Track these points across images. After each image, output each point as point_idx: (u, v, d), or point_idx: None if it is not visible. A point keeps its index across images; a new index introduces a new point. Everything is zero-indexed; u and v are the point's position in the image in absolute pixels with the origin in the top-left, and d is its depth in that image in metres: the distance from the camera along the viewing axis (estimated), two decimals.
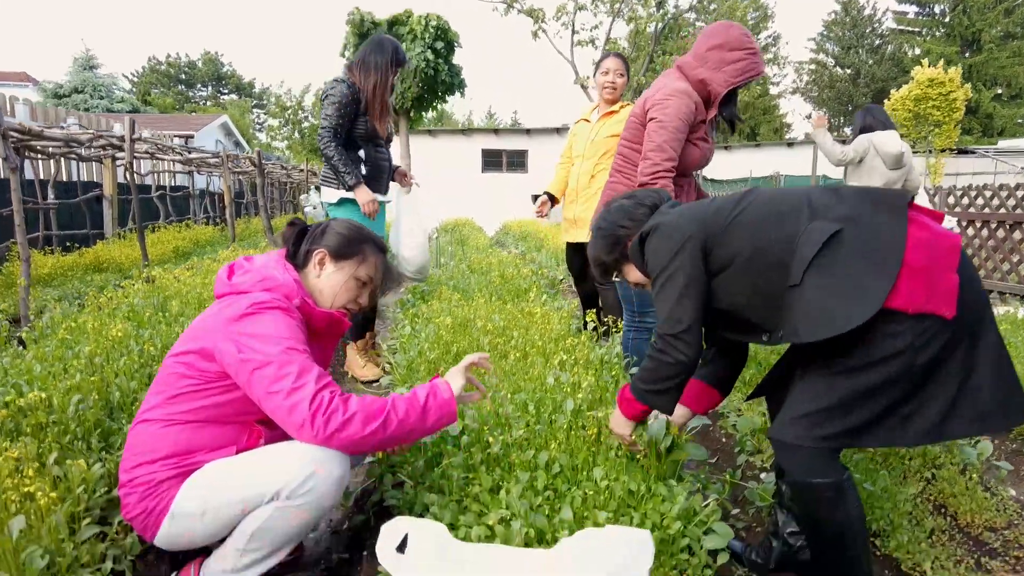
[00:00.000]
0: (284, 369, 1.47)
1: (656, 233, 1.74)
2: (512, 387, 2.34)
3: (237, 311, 1.57)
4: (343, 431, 1.45)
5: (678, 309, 1.68)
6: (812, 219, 1.54)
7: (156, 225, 8.64)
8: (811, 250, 1.49)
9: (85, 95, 23.99)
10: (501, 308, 3.60)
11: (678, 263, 1.67)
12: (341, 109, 3.31)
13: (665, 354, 1.71)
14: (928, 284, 1.42)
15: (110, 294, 3.37)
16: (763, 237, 1.61)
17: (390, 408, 1.52)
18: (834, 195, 1.60)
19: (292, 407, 1.45)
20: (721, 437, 2.76)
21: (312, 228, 1.92)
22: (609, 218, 1.94)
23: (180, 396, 1.57)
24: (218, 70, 47.82)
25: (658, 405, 1.80)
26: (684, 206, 1.85)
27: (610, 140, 3.66)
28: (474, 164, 17.53)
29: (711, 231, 1.68)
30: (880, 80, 40.50)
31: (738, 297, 1.68)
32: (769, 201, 1.67)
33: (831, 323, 1.44)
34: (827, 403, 1.49)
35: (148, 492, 1.53)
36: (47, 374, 2.14)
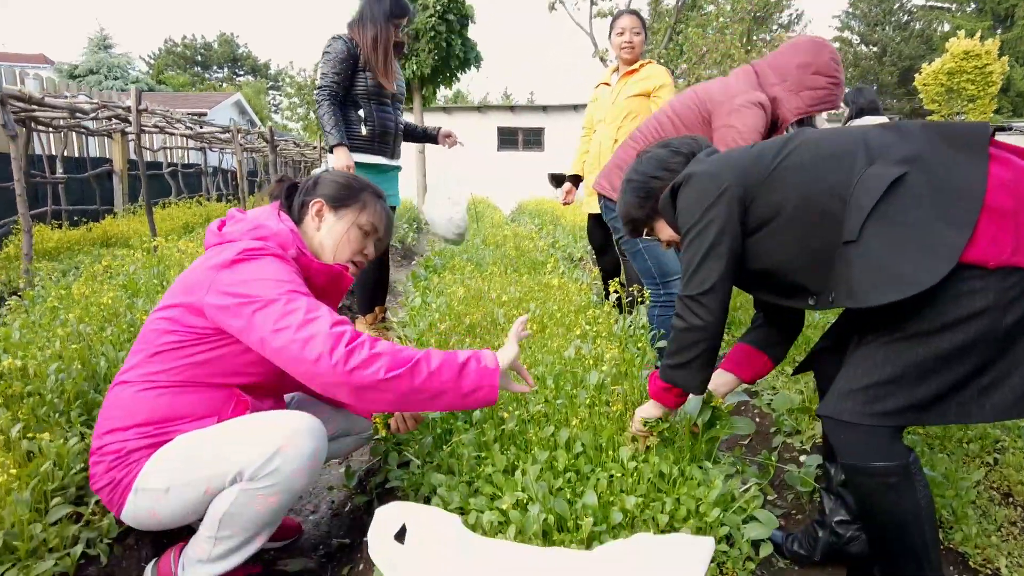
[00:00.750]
0: (291, 305, 1.31)
1: (689, 183, 1.52)
2: (529, 360, 2.14)
3: (226, 258, 1.40)
4: (366, 368, 1.26)
5: (703, 268, 1.47)
6: (870, 163, 1.31)
7: (167, 201, 8.52)
8: (870, 199, 1.26)
9: (100, 75, 23.94)
10: (517, 280, 3.40)
11: (711, 216, 1.46)
12: (336, 65, 3.16)
13: (682, 319, 1.51)
14: (1016, 232, 1.19)
15: (106, 263, 3.21)
16: (811, 185, 1.38)
17: (421, 356, 1.33)
18: (896, 133, 1.36)
19: (307, 339, 1.26)
20: (755, 416, 2.55)
21: (303, 182, 1.74)
22: (641, 168, 1.72)
23: (161, 354, 1.40)
24: (233, 51, 47.69)
25: (680, 381, 1.57)
26: (723, 153, 1.62)
27: (632, 101, 3.42)
28: (489, 142, 17.25)
29: (751, 180, 1.46)
30: (907, 58, 39.33)
31: (781, 255, 1.45)
32: (818, 144, 1.43)
33: (897, 284, 1.22)
34: (889, 374, 1.27)
35: (117, 462, 1.37)
36: (26, 342, 1.97)
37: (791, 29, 39.69)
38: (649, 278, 2.72)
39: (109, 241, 5.98)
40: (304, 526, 1.98)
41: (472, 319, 2.67)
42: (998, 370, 1.23)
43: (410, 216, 10.09)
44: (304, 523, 2.00)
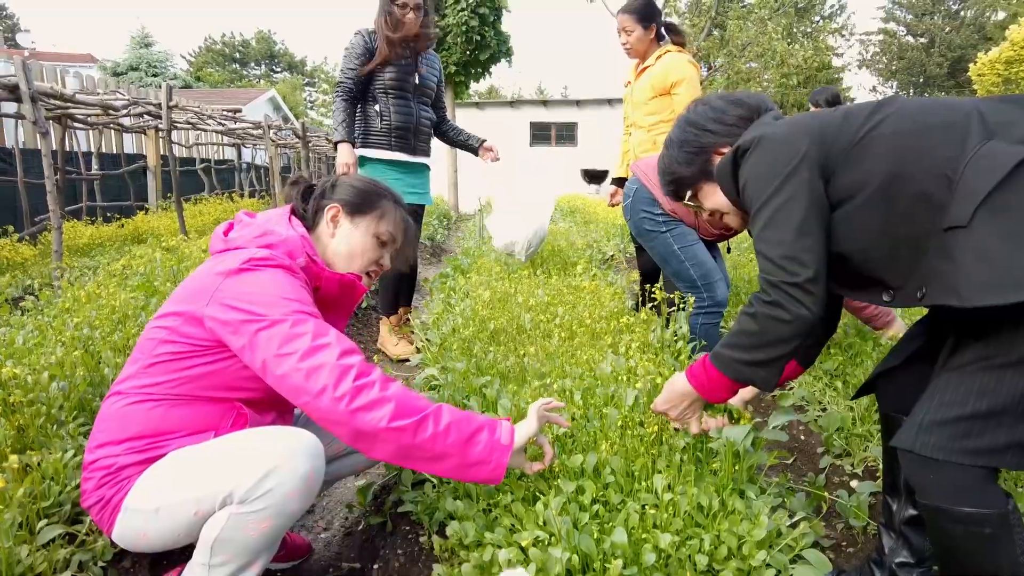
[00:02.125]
0: (298, 328, 1.21)
1: (758, 148, 1.28)
2: (556, 372, 1.99)
3: (230, 267, 1.30)
4: (369, 411, 1.16)
5: (798, 248, 1.21)
6: (986, 138, 1.09)
7: (199, 197, 8.58)
8: (988, 181, 1.04)
9: (141, 72, 24.50)
10: (546, 282, 3.25)
11: (791, 190, 1.22)
12: (352, 61, 3.13)
13: (782, 308, 1.24)
14: None
15: (124, 262, 3.16)
16: (907, 160, 1.16)
17: (432, 411, 1.22)
18: (1018, 106, 1.14)
19: (312, 370, 1.17)
20: (800, 434, 2.36)
21: (320, 184, 1.62)
22: (693, 118, 1.49)
23: (157, 365, 1.30)
24: (271, 48, 48.37)
25: (760, 380, 1.33)
26: (795, 116, 1.38)
27: (656, 103, 3.13)
28: (522, 137, 17.06)
29: (833, 149, 1.23)
30: (958, 48, 37.83)
31: (859, 240, 1.23)
32: (919, 111, 1.19)
33: (1018, 284, 0.99)
34: (988, 406, 1.07)
35: (107, 478, 1.26)
36: (29, 349, 1.90)
37: (833, 20, 38.70)
38: (687, 282, 2.53)
39: (140, 237, 6.02)
40: (314, 544, 1.86)
41: (497, 324, 2.54)
42: None
43: (440, 212, 10.00)
44: (314, 541, 1.88)
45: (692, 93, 2.98)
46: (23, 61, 4.06)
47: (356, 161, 3.10)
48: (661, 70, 3.06)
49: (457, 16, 9.89)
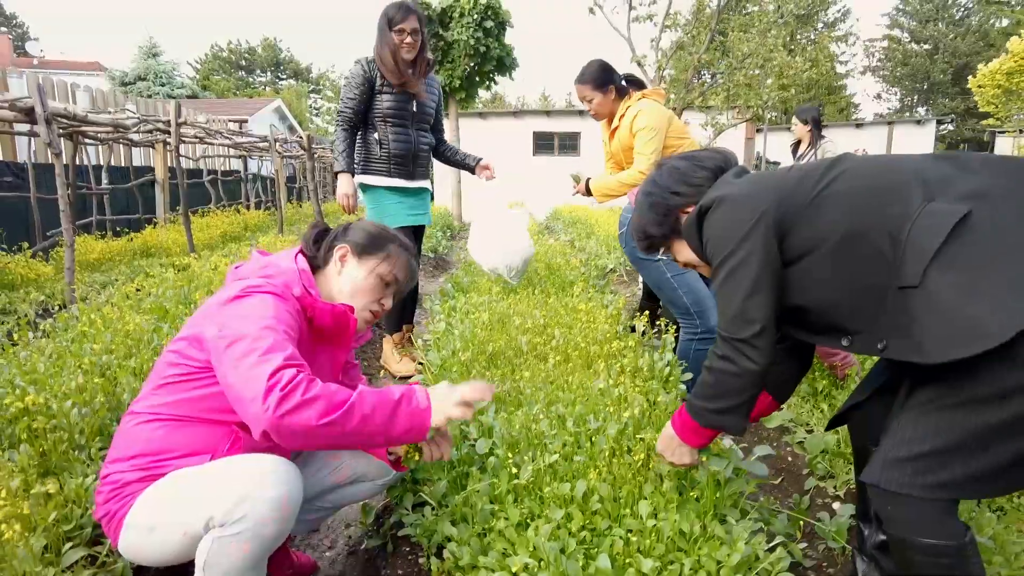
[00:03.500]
0: (256, 343, 1.29)
1: (720, 207, 1.38)
2: (550, 397, 2.09)
3: (229, 294, 1.42)
4: (296, 413, 1.23)
5: (749, 306, 1.33)
6: (928, 199, 1.19)
7: (206, 210, 8.71)
8: (933, 241, 1.14)
9: (148, 82, 24.78)
10: (544, 302, 3.34)
11: (748, 248, 1.32)
12: (352, 91, 3.22)
13: (730, 363, 1.37)
14: None
15: (139, 282, 3.26)
16: (859, 219, 1.25)
17: (355, 400, 1.30)
18: (956, 165, 1.24)
19: (249, 379, 1.25)
20: (788, 455, 2.44)
21: (335, 228, 1.74)
22: (661, 182, 1.58)
23: (165, 386, 1.40)
24: (277, 56, 48.66)
25: (727, 426, 1.46)
26: (754, 175, 1.49)
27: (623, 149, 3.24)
28: (525, 147, 17.19)
29: (790, 207, 1.33)
30: (963, 55, 37.83)
31: (818, 291, 1.33)
32: (869, 172, 1.30)
33: (972, 337, 1.08)
34: (943, 442, 1.16)
35: (113, 493, 1.36)
36: (50, 375, 2.00)
37: (836, 27, 38.74)
38: (680, 309, 2.63)
39: (149, 251, 6.14)
40: (320, 563, 1.96)
41: (495, 346, 2.63)
42: None
43: (443, 223, 10.10)
44: (320, 559, 1.98)
45: (647, 140, 3.00)
46: (38, 85, 4.18)
47: (356, 191, 3.20)
48: (626, 128, 3.12)
49: (462, 31, 10.02)
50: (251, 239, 7.76)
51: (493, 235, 3.72)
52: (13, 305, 4.23)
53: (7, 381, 1.97)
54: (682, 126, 3.15)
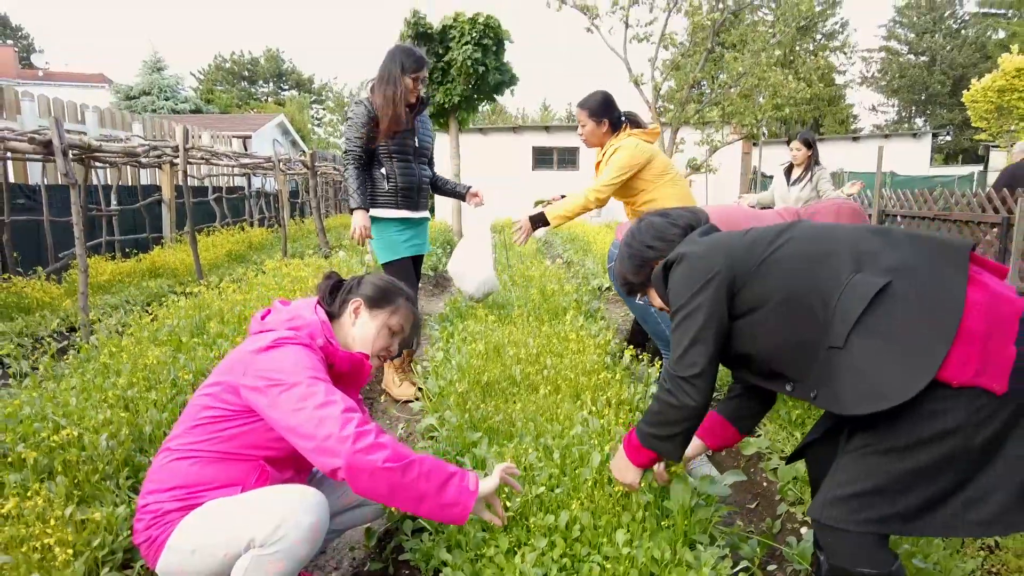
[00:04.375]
0: (311, 388, 1.51)
1: (680, 264, 1.60)
2: (539, 429, 2.26)
3: (261, 345, 1.62)
4: (369, 453, 1.44)
5: (693, 351, 1.54)
6: (856, 270, 1.38)
7: (211, 228, 8.91)
8: (855, 310, 1.33)
9: (152, 96, 25.13)
10: (537, 329, 3.52)
11: (699, 301, 1.53)
12: (359, 130, 3.37)
13: (673, 396, 1.58)
14: (982, 355, 1.24)
15: (155, 313, 3.45)
16: (799, 283, 1.45)
17: (417, 460, 1.51)
18: (885, 239, 1.43)
19: (321, 419, 1.46)
20: (762, 481, 2.61)
21: (349, 280, 1.96)
22: (639, 235, 1.81)
23: (199, 426, 1.60)
24: (279, 67, 49.05)
25: (664, 451, 1.68)
26: (716, 235, 1.70)
27: None
28: (524, 162, 17.42)
29: (741, 268, 1.53)
30: (960, 66, 38.16)
31: (764, 343, 1.53)
32: (811, 241, 1.50)
33: (877, 395, 1.28)
34: (872, 484, 1.34)
35: (154, 520, 1.55)
36: (82, 408, 2.18)
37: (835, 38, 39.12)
38: (663, 341, 2.81)
39: (157, 272, 6.32)
40: None
41: (490, 376, 2.81)
42: (980, 485, 1.29)
43: (444, 239, 10.29)
44: None
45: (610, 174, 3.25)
46: (56, 119, 4.38)
47: (370, 225, 3.39)
48: (606, 161, 3.34)
49: (461, 50, 10.23)
50: (258, 257, 7.96)
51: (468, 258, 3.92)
52: (30, 328, 4.41)
53: (41, 415, 2.14)
54: (663, 164, 3.34)
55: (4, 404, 2.11)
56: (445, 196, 4.04)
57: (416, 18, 10.30)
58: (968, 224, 7.34)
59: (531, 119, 45.75)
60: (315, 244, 9.68)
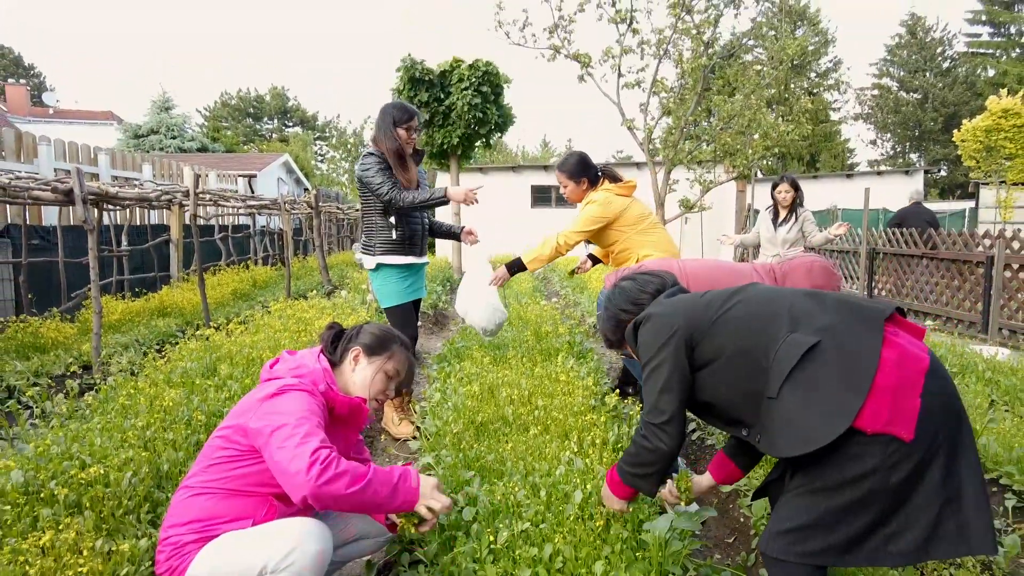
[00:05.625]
0: (296, 429, 1.69)
1: (646, 323, 1.84)
2: (528, 467, 2.44)
3: (268, 392, 1.82)
4: (331, 484, 1.62)
5: (661, 400, 1.77)
6: (792, 330, 1.60)
7: (217, 267, 9.14)
8: (787, 365, 1.55)
9: (160, 135, 25.74)
10: (531, 370, 3.70)
11: (663, 356, 1.76)
12: (382, 173, 3.58)
13: (647, 440, 1.81)
14: (892, 406, 1.45)
15: (168, 354, 3.64)
16: (746, 340, 1.68)
17: (371, 476, 1.72)
18: (818, 303, 1.66)
19: (294, 457, 1.64)
20: (739, 517, 2.77)
21: (350, 329, 2.16)
22: (614, 300, 2.07)
23: (214, 466, 1.78)
24: (284, 104, 50.04)
25: (641, 488, 1.91)
26: (678, 297, 1.94)
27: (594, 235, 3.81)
28: (523, 200, 17.79)
29: (697, 326, 1.76)
30: (951, 104, 38.95)
31: (721, 391, 1.75)
32: (757, 303, 1.74)
33: (803, 440, 1.50)
34: (806, 520, 1.53)
35: (174, 552, 1.72)
36: (106, 448, 2.36)
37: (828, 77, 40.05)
38: None
39: (166, 311, 6.52)
40: None
41: (484, 416, 2.99)
42: (899, 521, 1.48)
43: (443, 277, 10.51)
44: None
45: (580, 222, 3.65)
46: (77, 169, 4.64)
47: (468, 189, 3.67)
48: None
49: (460, 94, 10.61)
50: (262, 295, 8.17)
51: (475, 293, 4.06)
52: (45, 367, 4.59)
53: (68, 453, 2.33)
54: (637, 215, 3.65)
55: (35, 444, 2.28)
56: (442, 238, 4.26)
57: (410, 63, 10.68)
58: (955, 263, 7.60)
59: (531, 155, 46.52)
60: (318, 281, 9.91)
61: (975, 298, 7.25)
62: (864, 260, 8.96)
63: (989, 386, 4.05)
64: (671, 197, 11.66)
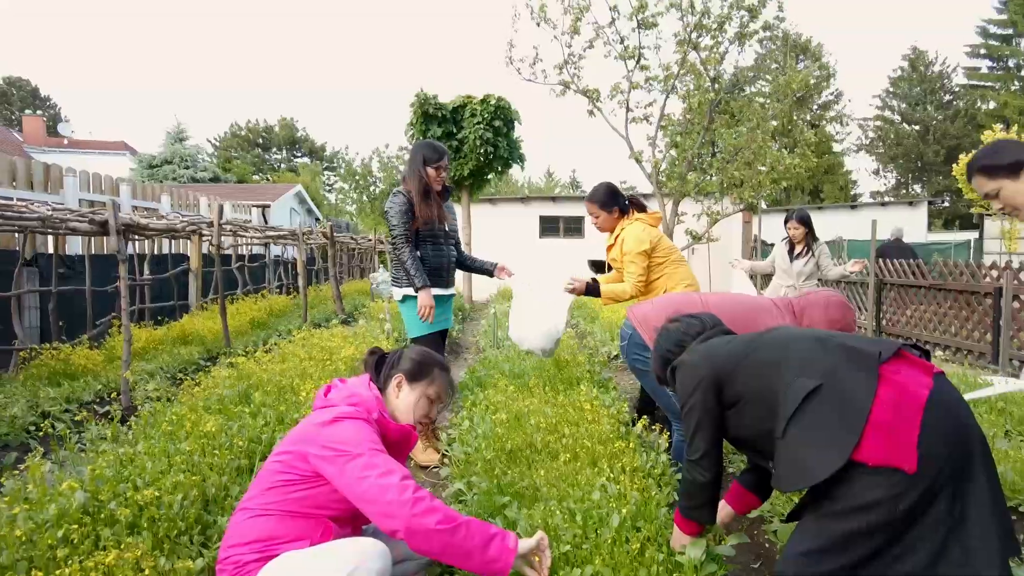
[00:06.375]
0: (373, 460, 1.79)
1: (679, 370, 2.07)
2: (561, 493, 2.52)
3: (325, 419, 1.92)
4: (425, 516, 1.69)
5: (696, 439, 1.98)
6: (797, 375, 1.75)
7: (235, 296, 9.30)
8: (791, 407, 1.70)
9: (174, 165, 26.26)
10: (554, 399, 3.79)
11: (694, 400, 1.97)
12: (401, 217, 3.73)
13: (689, 474, 2.03)
14: (888, 439, 1.56)
15: (201, 381, 3.75)
16: (760, 385, 1.86)
17: (464, 522, 1.76)
18: (822, 347, 1.81)
19: (384, 487, 1.72)
20: (764, 542, 2.84)
21: (390, 355, 2.26)
22: (661, 341, 2.28)
23: (273, 489, 1.87)
24: (293, 135, 50.87)
25: (700, 519, 2.08)
26: (708, 344, 2.11)
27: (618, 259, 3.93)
28: (532, 230, 18.02)
29: (722, 372, 1.95)
30: (953, 137, 39.42)
31: (747, 429, 1.93)
32: (770, 349, 1.91)
33: (803, 475, 1.64)
34: (820, 543, 1.64)
35: (236, 570, 1.80)
36: (158, 472, 2.46)
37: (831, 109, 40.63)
38: (674, 413, 3.08)
39: (187, 339, 6.64)
40: None
41: (513, 443, 3.08)
42: (905, 544, 1.59)
43: (456, 306, 10.64)
44: None
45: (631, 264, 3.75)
46: (113, 202, 4.81)
47: (433, 303, 3.73)
48: (619, 246, 3.87)
49: (473, 129, 10.87)
50: (279, 324, 8.30)
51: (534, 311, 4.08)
52: (75, 394, 4.70)
53: (120, 477, 2.42)
54: (667, 247, 3.79)
55: (92, 467, 2.39)
56: (473, 273, 4.37)
57: (424, 98, 10.99)
58: (963, 294, 7.69)
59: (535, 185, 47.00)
60: (332, 310, 10.04)
61: (984, 329, 7.31)
62: (872, 292, 9.06)
63: (1002, 416, 4.11)
64: (678, 228, 11.83)
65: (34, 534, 1.98)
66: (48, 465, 2.47)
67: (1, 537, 1.93)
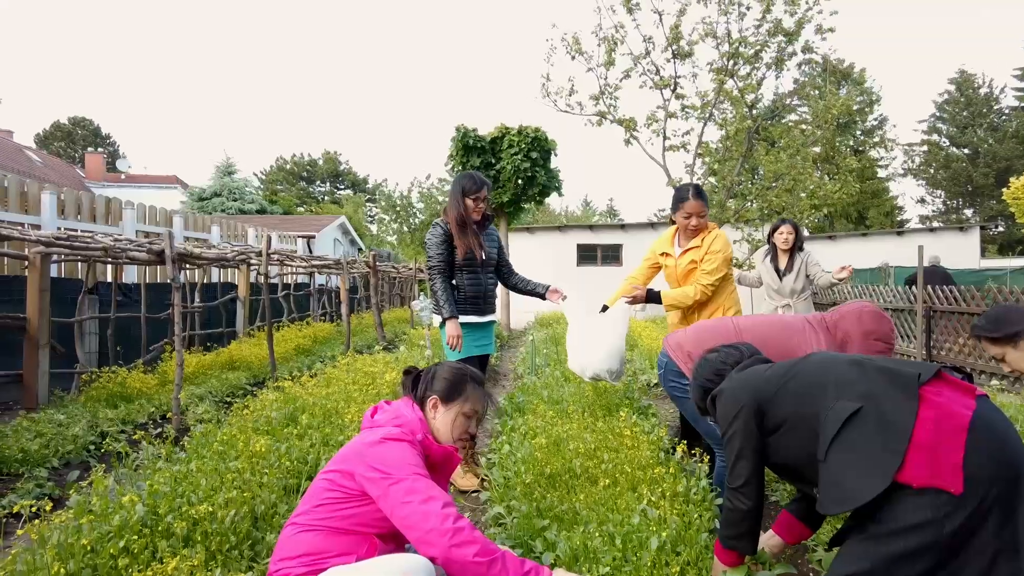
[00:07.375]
0: (416, 484, 1.84)
1: (719, 399, 2.08)
2: (601, 518, 2.53)
3: (373, 440, 1.99)
4: (464, 546, 1.74)
5: (737, 466, 1.98)
6: (837, 398, 1.76)
7: (280, 323, 9.56)
8: (832, 430, 1.71)
9: (223, 197, 27.34)
10: (593, 425, 3.80)
11: (734, 428, 1.98)
12: (438, 247, 3.85)
13: (730, 502, 2.01)
14: (930, 461, 1.56)
15: (250, 404, 3.88)
16: (800, 409, 1.87)
17: (501, 556, 1.80)
18: (859, 370, 1.81)
19: (426, 513, 1.78)
20: (808, 572, 2.78)
21: (424, 374, 2.32)
22: (701, 371, 2.30)
23: (322, 505, 1.94)
24: (336, 168, 52.35)
25: (741, 549, 2.04)
26: (747, 372, 2.12)
27: (690, 267, 3.89)
28: (569, 259, 18.07)
29: (762, 399, 1.97)
30: (1003, 159, 38.24)
31: (789, 455, 1.93)
32: (808, 374, 1.93)
33: (847, 497, 1.64)
34: (865, 566, 1.63)
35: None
36: (210, 488, 2.56)
37: (874, 135, 39.91)
38: (715, 440, 3.06)
39: (234, 365, 6.86)
40: None
41: (552, 468, 3.10)
42: (952, 568, 1.57)
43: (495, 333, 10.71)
44: None
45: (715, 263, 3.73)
46: (169, 232, 5.06)
47: (461, 333, 3.79)
48: (704, 247, 3.81)
49: (510, 159, 11.06)
50: (324, 351, 8.49)
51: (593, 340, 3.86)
52: (130, 416, 4.91)
53: (176, 492, 2.53)
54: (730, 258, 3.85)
55: (150, 482, 2.50)
56: (523, 295, 4.42)
57: (464, 131, 11.28)
58: None
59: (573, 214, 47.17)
60: (374, 337, 10.22)
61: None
62: (920, 320, 8.80)
63: None
64: None
65: (98, 544, 2.09)
66: (109, 481, 2.60)
67: (68, 546, 2.04)
